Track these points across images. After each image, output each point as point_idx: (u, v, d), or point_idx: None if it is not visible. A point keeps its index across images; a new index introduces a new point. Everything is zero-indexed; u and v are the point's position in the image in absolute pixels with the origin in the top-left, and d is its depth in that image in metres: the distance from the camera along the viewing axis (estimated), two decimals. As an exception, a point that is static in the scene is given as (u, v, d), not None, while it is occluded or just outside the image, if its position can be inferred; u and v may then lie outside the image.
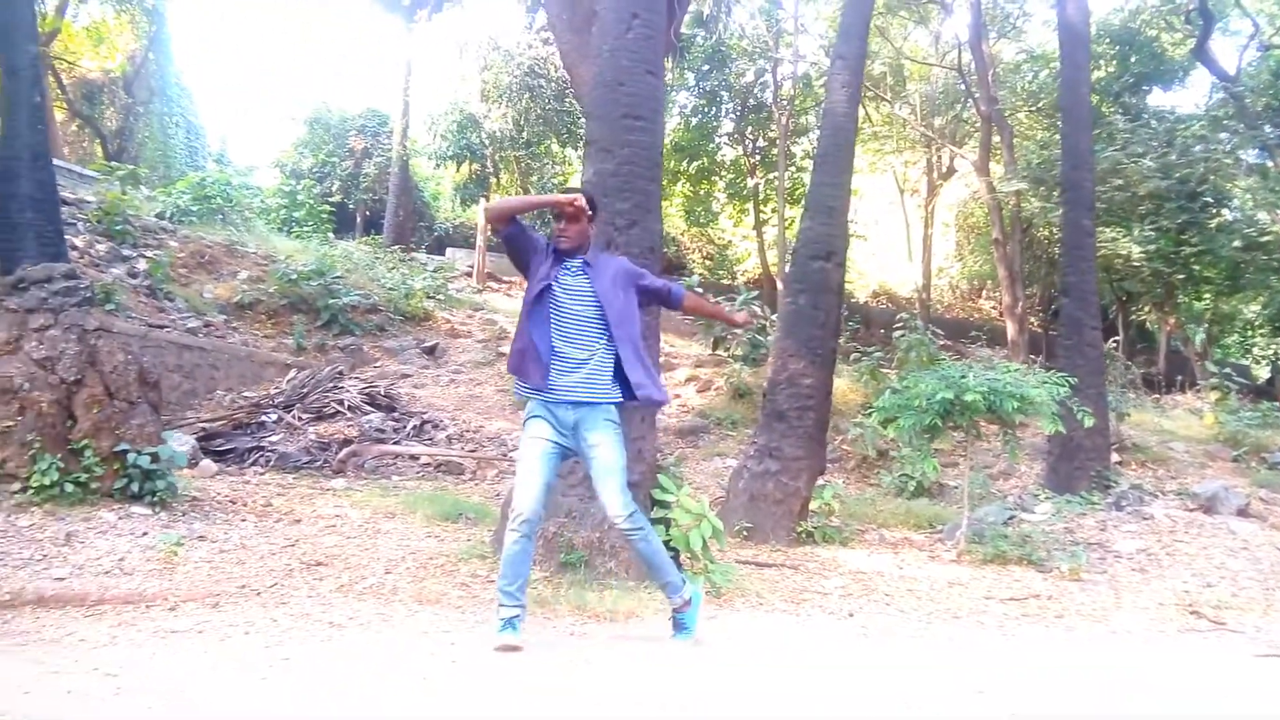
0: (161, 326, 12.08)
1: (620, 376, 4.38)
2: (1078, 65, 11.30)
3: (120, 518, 6.17)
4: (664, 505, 5.86)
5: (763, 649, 4.68)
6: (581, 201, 4.39)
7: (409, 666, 3.79)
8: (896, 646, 4.96)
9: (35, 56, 8.39)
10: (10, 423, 6.11)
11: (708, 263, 28.35)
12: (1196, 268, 17.03)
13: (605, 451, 4.28)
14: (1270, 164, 17.89)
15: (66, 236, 9.60)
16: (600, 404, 4.32)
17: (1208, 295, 19.49)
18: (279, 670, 3.62)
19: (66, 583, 4.92)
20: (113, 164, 17.94)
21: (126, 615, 4.52)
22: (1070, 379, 7.86)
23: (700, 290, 17.01)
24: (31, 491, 6.04)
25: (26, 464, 6.11)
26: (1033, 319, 22.40)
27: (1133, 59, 19.58)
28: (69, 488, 6.17)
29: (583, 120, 21.03)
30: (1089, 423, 8.34)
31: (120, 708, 3.08)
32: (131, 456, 6.43)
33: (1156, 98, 21.02)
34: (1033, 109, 21.73)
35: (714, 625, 5.00)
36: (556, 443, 4.30)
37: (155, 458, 6.56)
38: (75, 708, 3.06)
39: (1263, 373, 24.10)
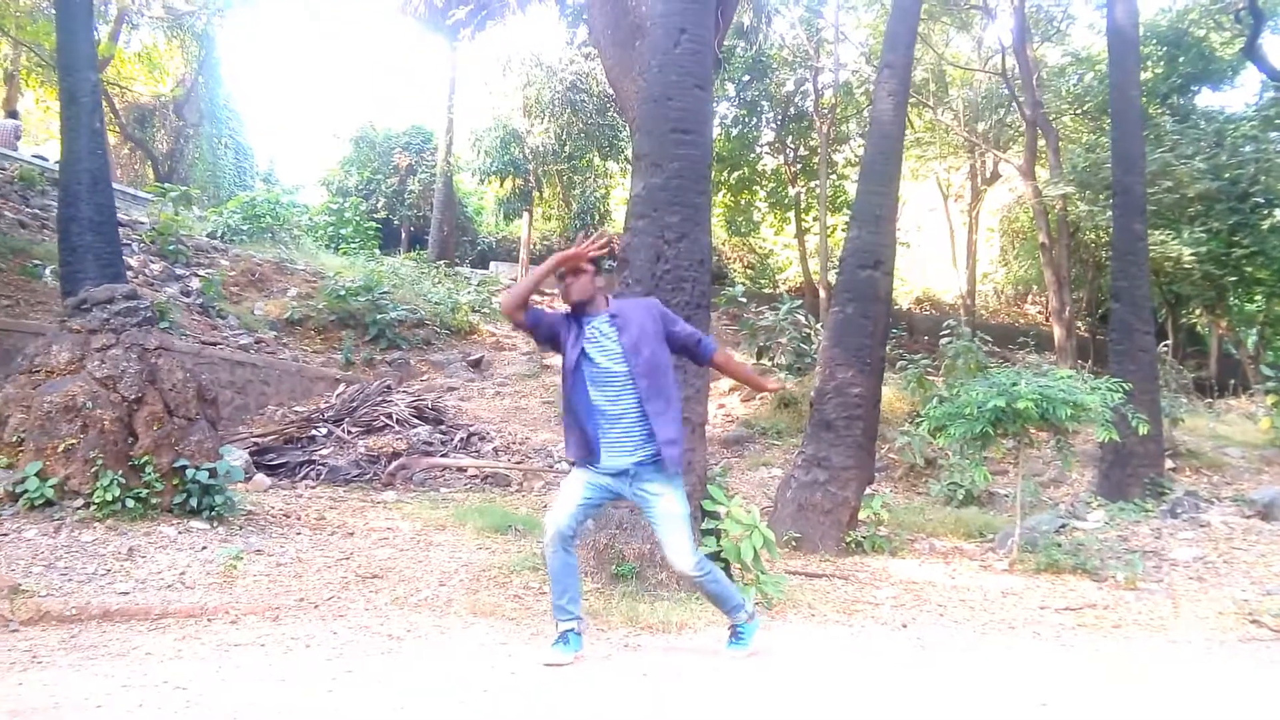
0: (215, 344, 12.31)
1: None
2: (1127, 69, 11.17)
3: (180, 532, 6.30)
4: (714, 516, 5.87)
5: (818, 661, 4.67)
6: (587, 252, 4.26)
7: (469, 679, 3.83)
8: (953, 658, 4.92)
9: (96, 84, 8.64)
10: (74, 440, 6.27)
11: (749, 272, 28.34)
12: (1248, 269, 16.69)
13: (667, 502, 4.20)
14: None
15: (122, 257, 9.84)
16: (650, 463, 4.22)
17: (1259, 297, 19.10)
18: (343, 683, 3.68)
19: (130, 597, 5.03)
20: (165, 185, 18.33)
21: (189, 629, 4.61)
22: (1124, 384, 7.77)
23: (744, 300, 17.03)
24: (94, 507, 6.19)
25: (89, 480, 6.26)
26: (1080, 323, 22.12)
27: (1180, 60, 19.29)
28: (130, 503, 6.31)
29: (624, 134, 21.16)
30: (1144, 430, 8.23)
31: (192, 720, 3.15)
32: (190, 472, 6.57)
33: (1205, 98, 20.68)
34: (1078, 112, 21.50)
35: (767, 636, 4.99)
36: (606, 487, 4.29)
37: (213, 473, 6.69)
38: (148, 720, 3.13)
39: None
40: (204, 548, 6.08)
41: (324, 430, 11.38)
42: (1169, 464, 10.86)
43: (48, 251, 11.69)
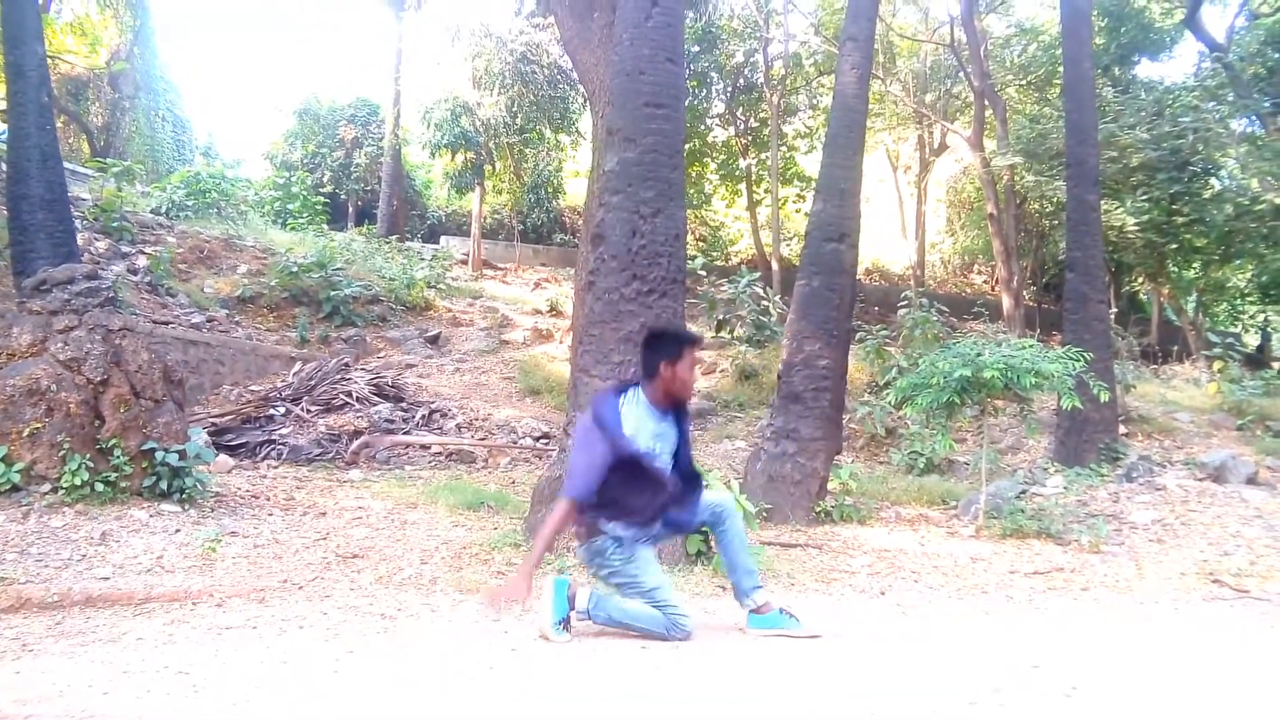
0: (166, 323, 12.07)
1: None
2: (1080, 41, 11.33)
3: (151, 516, 6.20)
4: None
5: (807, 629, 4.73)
6: None
7: (472, 656, 3.84)
8: (937, 623, 5.01)
9: (42, 57, 8.35)
10: (39, 424, 6.13)
11: (701, 244, 28.34)
12: (1188, 237, 17.08)
13: None
14: (1261, 132, 17.94)
15: (75, 235, 9.58)
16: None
17: (1198, 264, 19.56)
18: (347, 663, 3.66)
19: (111, 582, 4.95)
20: (106, 160, 17.81)
21: (176, 613, 4.55)
22: (1085, 353, 7.93)
23: (703, 273, 17.07)
24: (62, 492, 6.08)
25: (56, 465, 6.14)
26: (1024, 293, 22.51)
27: (1122, 30, 19.59)
28: (99, 487, 6.20)
29: (575, 106, 21.01)
30: (1105, 397, 8.41)
31: (204, 706, 3.11)
32: (160, 454, 6.46)
33: (1144, 68, 21.08)
34: (1023, 83, 21.78)
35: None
36: None
37: (183, 455, 6.59)
38: (159, 708, 3.08)
39: (1252, 340, 24.28)
40: (177, 530, 6.00)
41: (282, 409, 11.22)
42: (1122, 429, 11.13)
43: (-10, 230, 11.35)
